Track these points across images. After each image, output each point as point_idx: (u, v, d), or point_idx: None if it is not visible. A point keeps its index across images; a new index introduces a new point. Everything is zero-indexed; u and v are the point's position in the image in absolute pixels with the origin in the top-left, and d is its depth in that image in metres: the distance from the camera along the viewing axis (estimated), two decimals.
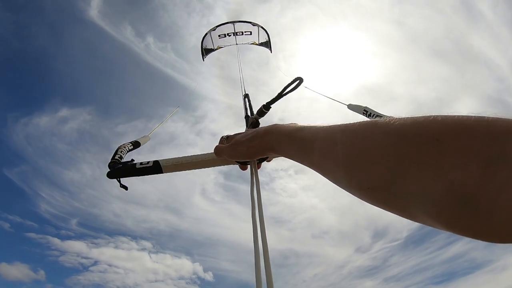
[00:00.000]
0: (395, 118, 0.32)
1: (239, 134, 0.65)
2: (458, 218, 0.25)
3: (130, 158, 0.77)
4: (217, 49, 4.93)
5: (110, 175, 0.72)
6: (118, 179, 0.72)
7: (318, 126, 0.45)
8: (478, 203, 0.23)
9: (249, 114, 1.29)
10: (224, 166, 0.72)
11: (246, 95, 1.48)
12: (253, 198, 0.55)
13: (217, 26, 4.70)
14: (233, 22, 4.70)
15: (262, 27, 4.78)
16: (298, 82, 0.70)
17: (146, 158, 0.74)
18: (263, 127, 0.59)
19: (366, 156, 0.33)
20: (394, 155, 0.30)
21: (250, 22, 4.74)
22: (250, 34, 4.81)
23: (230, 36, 4.76)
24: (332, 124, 0.42)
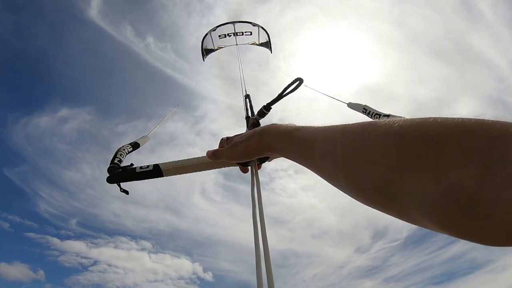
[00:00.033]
0: (395, 119, 0.32)
1: (238, 135, 0.65)
2: (457, 220, 0.24)
3: (130, 162, 0.76)
4: (217, 49, 4.93)
5: (110, 180, 0.71)
6: (118, 184, 0.71)
7: (316, 126, 0.44)
8: (477, 205, 0.23)
9: (249, 115, 1.29)
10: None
11: (247, 96, 1.48)
12: (253, 198, 0.55)
13: (217, 27, 4.70)
14: (233, 23, 4.70)
15: (262, 28, 4.78)
16: (298, 83, 0.70)
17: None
18: (261, 127, 0.59)
19: (366, 156, 0.33)
20: (393, 156, 0.30)
21: (250, 23, 4.74)
22: (250, 34, 4.81)
23: (230, 36, 4.75)
24: (330, 124, 0.41)
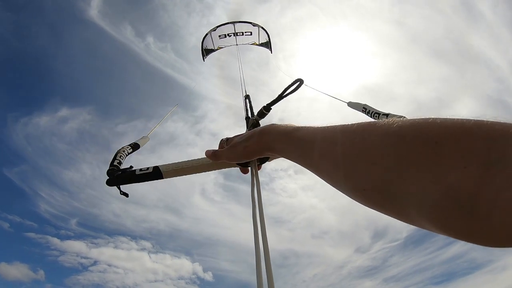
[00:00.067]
0: (395, 119, 0.32)
1: (238, 136, 0.65)
2: (456, 220, 0.24)
3: (130, 162, 0.76)
4: (217, 49, 4.93)
5: (109, 183, 0.70)
6: (118, 187, 0.70)
7: (316, 126, 0.44)
8: (477, 206, 0.23)
9: (249, 115, 1.29)
10: None
11: (247, 96, 1.48)
12: (253, 199, 0.55)
13: (217, 27, 4.70)
14: (233, 23, 4.70)
15: (262, 28, 4.78)
16: (298, 84, 0.70)
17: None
18: (260, 127, 0.59)
19: (366, 156, 0.33)
20: (392, 156, 0.30)
21: (250, 23, 4.74)
22: (251, 34, 4.81)
23: (230, 36, 4.75)
24: (330, 125, 0.41)
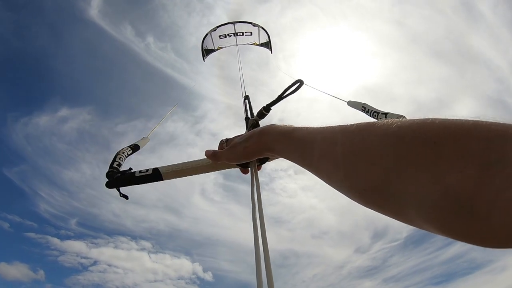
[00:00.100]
0: (394, 120, 0.32)
1: (238, 136, 0.65)
2: (455, 221, 0.24)
3: (129, 166, 0.75)
4: (217, 49, 4.93)
5: (109, 185, 0.70)
6: (118, 189, 0.70)
7: (315, 127, 0.44)
8: (476, 206, 0.23)
9: (249, 116, 1.29)
10: None
11: (247, 97, 1.48)
12: (253, 199, 0.55)
13: (217, 27, 4.70)
14: (233, 23, 4.70)
15: (262, 28, 4.78)
16: (298, 85, 0.70)
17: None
18: (260, 128, 0.59)
19: (365, 156, 0.33)
20: (392, 156, 0.30)
21: (250, 23, 4.74)
22: (251, 34, 4.81)
23: (230, 36, 4.76)
24: (329, 125, 0.41)
